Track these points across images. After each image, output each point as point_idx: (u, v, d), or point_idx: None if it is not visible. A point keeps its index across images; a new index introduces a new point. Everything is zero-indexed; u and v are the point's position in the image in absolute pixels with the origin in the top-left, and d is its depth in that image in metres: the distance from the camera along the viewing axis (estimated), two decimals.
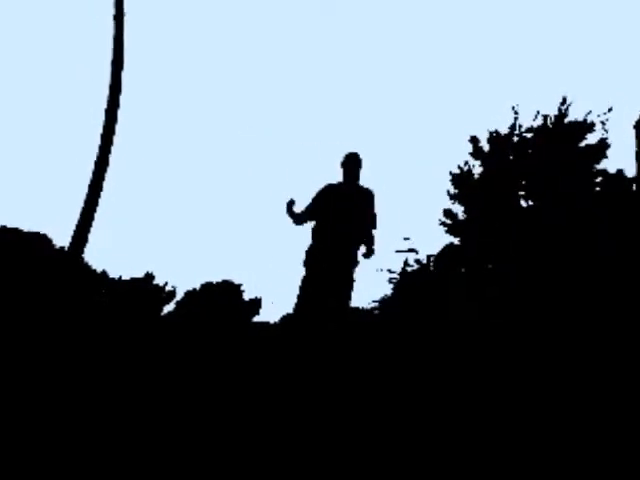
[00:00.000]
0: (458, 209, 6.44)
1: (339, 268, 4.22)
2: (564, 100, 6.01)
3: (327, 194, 4.32)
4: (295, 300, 4.23)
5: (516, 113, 6.22)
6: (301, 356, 3.80)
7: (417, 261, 6.36)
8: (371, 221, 4.34)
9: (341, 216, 4.24)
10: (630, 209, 4.94)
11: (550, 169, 5.72)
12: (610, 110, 5.73)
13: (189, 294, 21.90)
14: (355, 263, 4.29)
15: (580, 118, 6.03)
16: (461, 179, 6.35)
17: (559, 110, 6.12)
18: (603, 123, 5.81)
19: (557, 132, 5.88)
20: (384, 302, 7.36)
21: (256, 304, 18.67)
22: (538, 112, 6.17)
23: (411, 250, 6.21)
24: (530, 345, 3.61)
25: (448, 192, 6.54)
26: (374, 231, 4.36)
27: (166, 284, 23.38)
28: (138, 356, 3.66)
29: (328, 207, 4.26)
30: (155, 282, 22.73)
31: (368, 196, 4.37)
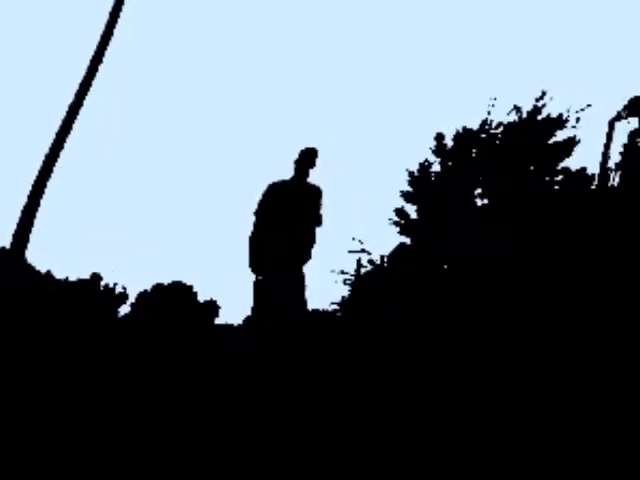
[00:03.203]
0: (411, 209, 6.46)
1: (289, 267, 4.29)
2: (543, 94, 6.02)
3: (271, 193, 4.39)
4: (251, 302, 4.31)
5: (493, 107, 6.20)
6: (275, 355, 3.97)
7: (370, 262, 6.33)
8: (315, 218, 4.41)
9: (286, 215, 4.32)
10: (591, 207, 5.03)
11: (513, 166, 5.76)
12: (589, 106, 5.78)
13: (141, 295, 21.62)
14: (304, 261, 4.37)
15: (555, 114, 6.08)
16: (418, 178, 6.35)
17: (534, 106, 6.14)
18: (577, 120, 5.87)
19: (527, 128, 5.91)
20: (343, 303, 7.39)
21: (214, 306, 18.58)
22: (515, 106, 6.14)
23: (363, 251, 6.20)
24: (489, 346, 3.66)
25: (401, 191, 6.53)
26: (318, 228, 4.44)
27: (116, 285, 23.01)
28: (105, 359, 3.76)
29: (273, 206, 4.34)
30: (102, 283, 22.39)
31: (315, 193, 4.43)
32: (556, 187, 5.51)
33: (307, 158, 4.36)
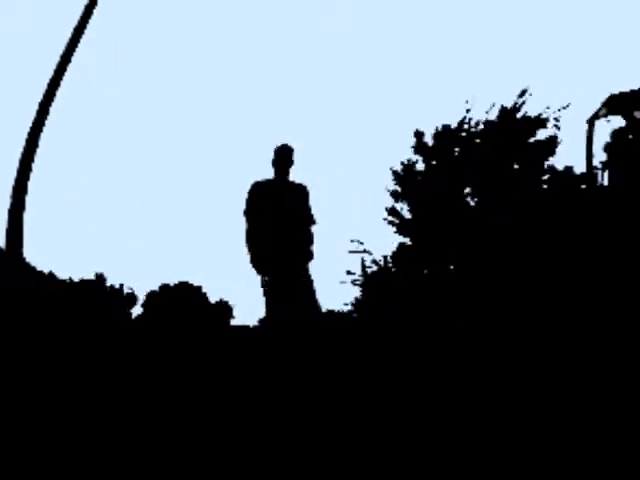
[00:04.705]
0: (402, 206, 6.73)
1: (297, 267, 4.39)
2: (523, 92, 6.31)
3: (259, 193, 4.37)
4: (265, 305, 4.38)
5: (468, 105, 6.52)
6: (298, 356, 4.06)
7: (374, 262, 6.74)
8: (308, 218, 4.50)
9: (278, 216, 4.35)
10: (579, 207, 5.35)
11: (497, 165, 6.09)
12: (567, 106, 6.11)
13: (150, 296, 22.01)
14: (307, 261, 4.49)
15: (534, 113, 6.38)
16: (404, 176, 6.62)
17: (514, 103, 6.44)
18: (557, 120, 6.19)
19: (508, 127, 6.21)
20: (357, 304, 7.60)
21: (226, 307, 18.85)
22: (493, 104, 6.46)
23: (365, 251, 6.57)
24: (488, 346, 3.94)
25: (389, 190, 6.82)
26: (313, 227, 4.55)
27: (122, 286, 23.38)
28: (121, 364, 3.86)
29: (263, 206, 4.34)
30: (107, 284, 22.71)
31: (302, 192, 4.50)
32: (545, 186, 5.86)
33: (285, 156, 4.37)
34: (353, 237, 6.43)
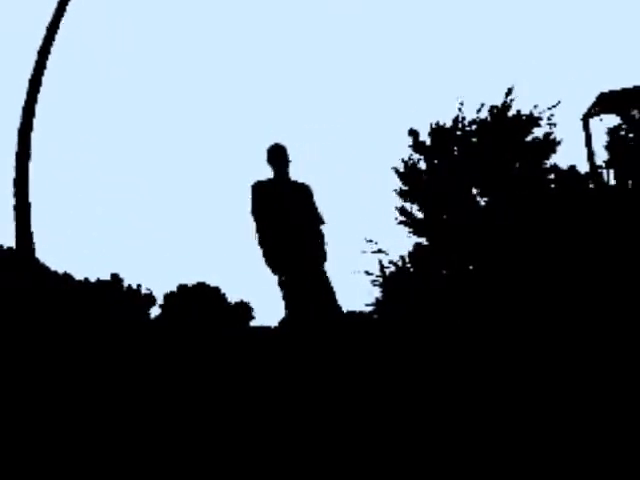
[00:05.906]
0: (411, 206, 7.02)
1: (314, 266, 4.42)
2: (509, 91, 6.57)
3: (264, 192, 4.35)
4: (286, 305, 4.38)
5: (461, 104, 6.76)
6: (318, 356, 4.07)
7: (391, 262, 7.09)
8: (316, 217, 4.53)
9: (287, 216, 4.35)
10: (587, 207, 5.58)
11: (497, 164, 6.35)
12: (558, 104, 6.40)
13: (168, 297, 22.49)
14: (323, 260, 4.54)
15: (526, 111, 6.66)
16: (408, 175, 6.90)
17: (504, 102, 6.72)
18: (549, 118, 6.48)
19: (502, 125, 6.47)
20: (378, 305, 7.86)
21: (247, 308, 19.11)
22: (483, 105, 6.75)
23: (380, 251, 6.88)
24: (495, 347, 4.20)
25: (395, 190, 7.10)
26: (323, 226, 4.59)
27: (140, 286, 23.83)
28: (150, 363, 3.88)
29: (270, 207, 4.32)
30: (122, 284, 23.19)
31: (306, 191, 4.52)
32: (551, 186, 6.15)
33: (280, 155, 4.38)
34: (358, 237, 6.72)
